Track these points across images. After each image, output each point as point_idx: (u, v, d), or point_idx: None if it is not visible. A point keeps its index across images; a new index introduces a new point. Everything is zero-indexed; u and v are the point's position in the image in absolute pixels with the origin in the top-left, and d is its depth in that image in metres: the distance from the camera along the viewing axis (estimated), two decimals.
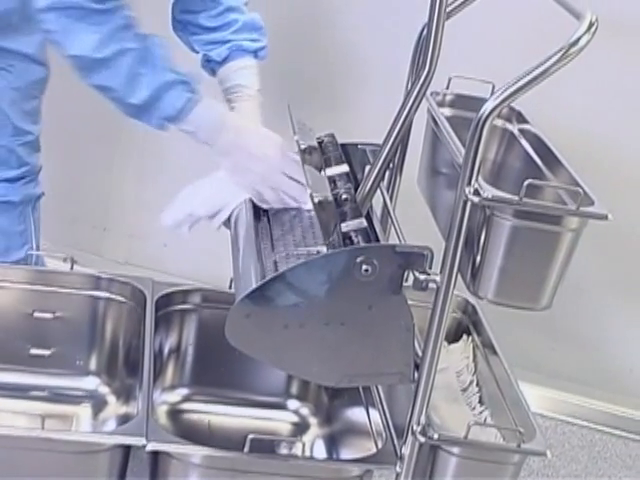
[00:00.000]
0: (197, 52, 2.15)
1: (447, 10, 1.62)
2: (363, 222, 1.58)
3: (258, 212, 1.81)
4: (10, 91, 2.14)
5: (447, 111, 1.88)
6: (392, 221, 1.80)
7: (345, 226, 1.57)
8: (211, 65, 2.11)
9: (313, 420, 2.03)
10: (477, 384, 1.90)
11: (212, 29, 2.09)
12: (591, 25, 1.38)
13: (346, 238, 1.56)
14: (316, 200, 1.59)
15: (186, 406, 2.03)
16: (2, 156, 2.20)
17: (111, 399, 1.98)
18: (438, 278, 1.49)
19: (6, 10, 2.03)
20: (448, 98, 1.91)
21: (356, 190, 1.70)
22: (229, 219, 1.83)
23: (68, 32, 1.74)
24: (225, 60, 2.08)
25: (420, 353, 1.56)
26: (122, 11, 1.75)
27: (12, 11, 2.03)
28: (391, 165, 1.87)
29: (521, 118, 1.86)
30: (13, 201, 2.22)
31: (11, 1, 2.03)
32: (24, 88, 2.17)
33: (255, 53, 2.09)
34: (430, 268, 1.50)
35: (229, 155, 1.83)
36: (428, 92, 1.75)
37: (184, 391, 2.03)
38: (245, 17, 2.09)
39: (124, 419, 1.83)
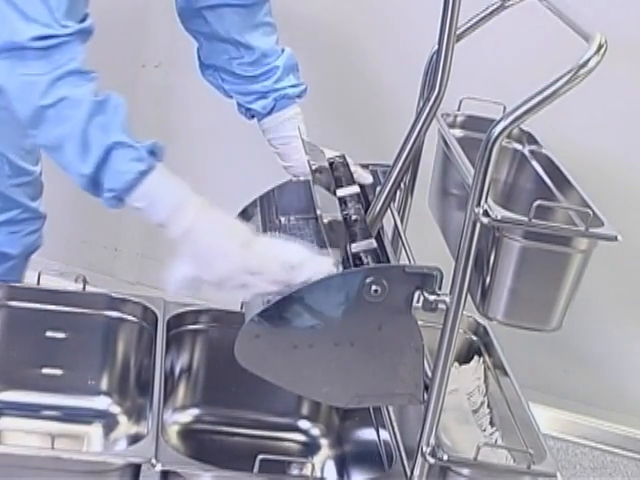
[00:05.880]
0: (230, 97, 1.98)
1: (457, 33, 1.62)
2: (373, 243, 1.58)
3: (267, 229, 1.81)
4: (5, 128, 1.98)
5: (458, 132, 1.89)
6: (402, 242, 1.80)
7: (355, 247, 1.57)
8: (251, 113, 1.96)
9: (324, 441, 2.03)
10: (488, 405, 1.89)
11: (250, 78, 1.92)
12: (600, 47, 1.39)
13: (356, 259, 1.56)
14: (325, 221, 1.60)
15: (197, 426, 2.02)
16: None
17: (122, 419, 1.98)
18: (448, 299, 1.49)
19: None
20: (459, 119, 1.91)
21: (367, 211, 1.71)
22: None
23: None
24: (270, 111, 1.93)
25: (430, 374, 1.56)
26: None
27: None
28: (402, 186, 1.88)
29: (532, 139, 1.86)
30: (10, 253, 2.14)
31: None
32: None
33: (298, 97, 1.95)
34: (440, 289, 1.50)
35: (185, 244, 1.58)
36: (439, 113, 1.76)
37: (195, 411, 2.03)
38: (282, 60, 1.93)
39: (135, 439, 1.83)
